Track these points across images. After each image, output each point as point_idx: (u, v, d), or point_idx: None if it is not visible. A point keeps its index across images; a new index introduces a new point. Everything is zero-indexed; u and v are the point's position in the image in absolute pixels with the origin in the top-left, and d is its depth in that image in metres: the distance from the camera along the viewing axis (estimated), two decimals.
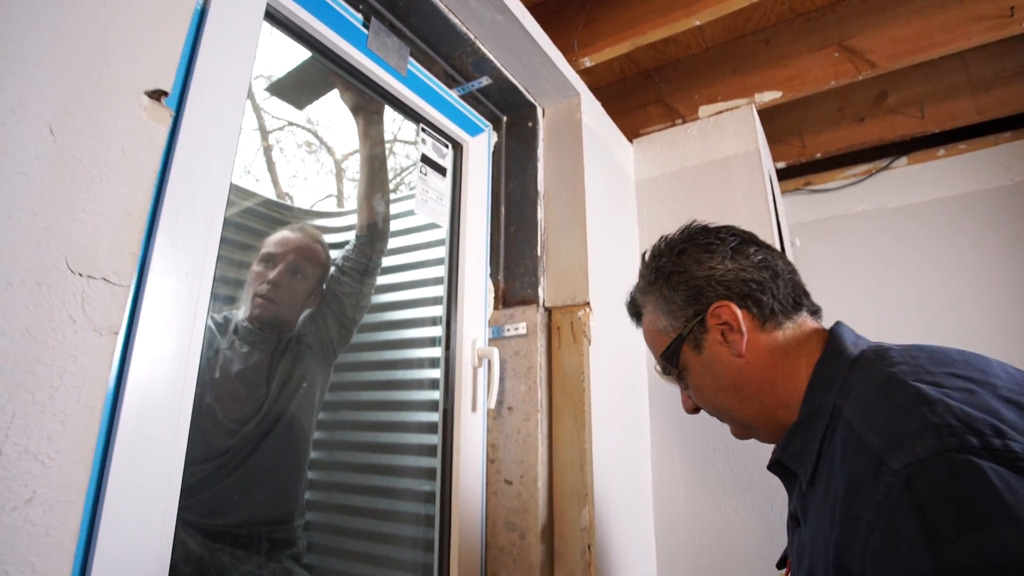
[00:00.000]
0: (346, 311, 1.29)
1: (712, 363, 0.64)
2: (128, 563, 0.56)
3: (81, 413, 0.38)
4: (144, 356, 0.60)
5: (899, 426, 0.44)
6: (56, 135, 0.40)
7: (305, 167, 3.29)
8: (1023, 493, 0.36)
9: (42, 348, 0.37)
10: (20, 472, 0.35)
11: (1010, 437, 0.39)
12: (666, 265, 0.68)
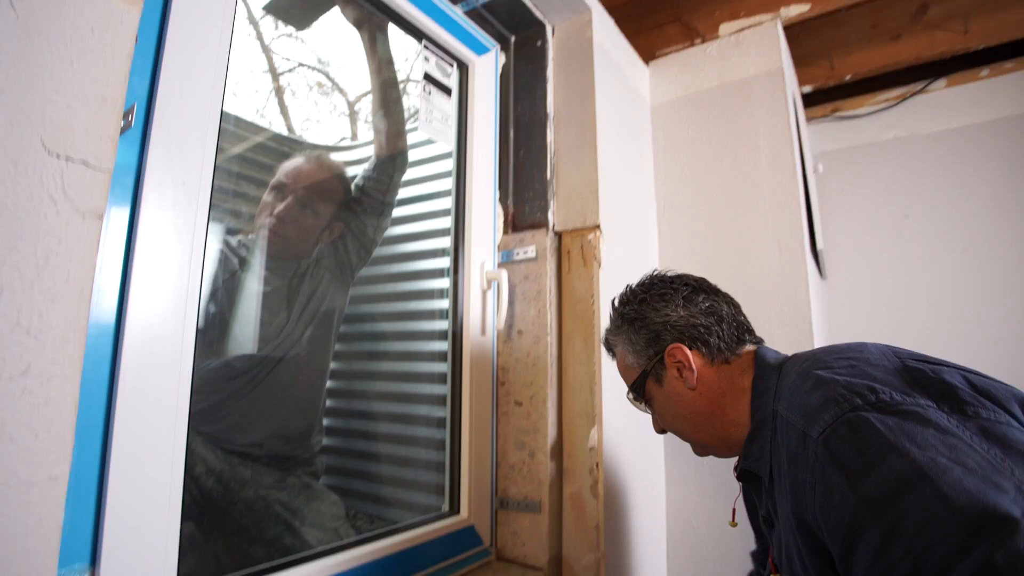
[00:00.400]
0: (366, 232, 1.27)
1: (671, 395, 0.77)
2: (143, 459, 0.59)
3: (71, 293, 0.39)
4: (146, 263, 0.61)
5: (810, 405, 0.58)
6: (17, 9, 0.38)
7: (318, 109, 3.23)
8: (896, 427, 0.49)
9: (25, 226, 0.37)
10: (14, 344, 0.36)
11: (881, 391, 0.54)
12: (629, 312, 0.81)
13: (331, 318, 1.28)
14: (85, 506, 0.55)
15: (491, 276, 1.16)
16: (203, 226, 0.68)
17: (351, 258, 1.27)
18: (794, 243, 1.31)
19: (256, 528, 1.09)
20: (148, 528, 0.60)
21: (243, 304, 1.17)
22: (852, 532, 0.50)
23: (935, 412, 0.51)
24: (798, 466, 0.57)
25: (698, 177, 1.49)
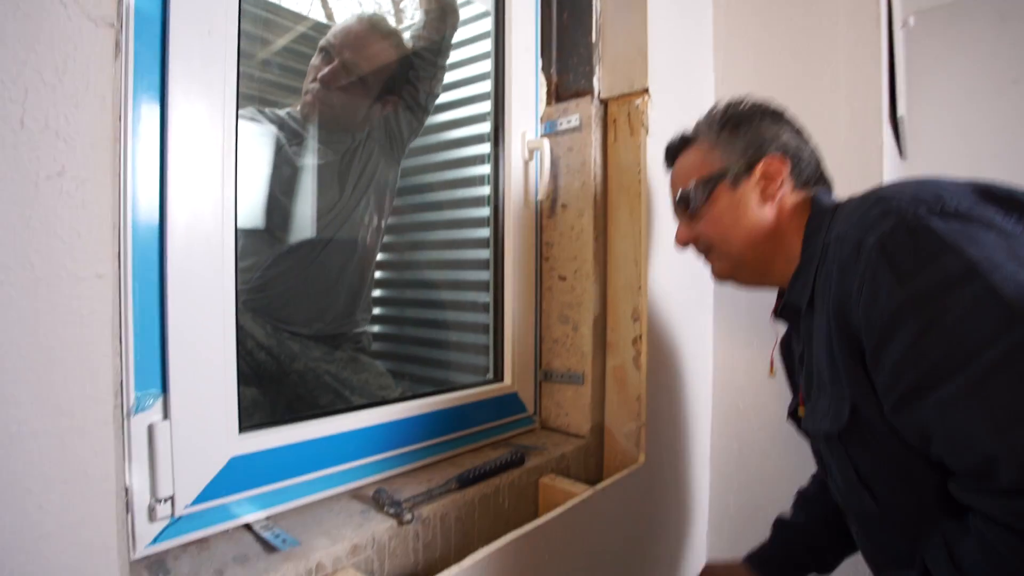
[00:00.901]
0: (418, 98, 1.23)
1: (740, 201, 0.75)
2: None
3: (93, 100, 0.40)
4: (180, 121, 0.61)
5: (869, 217, 0.56)
6: None
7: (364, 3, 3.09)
8: (958, 231, 0.49)
9: (38, 28, 0.37)
10: (46, 146, 0.38)
11: (948, 200, 0.52)
12: (737, 116, 0.79)
13: (382, 194, 1.29)
14: (152, 345, 0.60)
15: (532, 145, 1.12)
16: (233, 74, 0.67)
17: (402, 129, 1.25)
18: (870, 110, 1.17)
19: (309, 396, 1.19)
20: (207, 366, 0.65)
21: (293, 180, 1.19)
22: (891, 324, 0.50)
23: (1002, 219, 0.50)
24: (848, 275, 0.56)
25: (763, 34, 1.32)
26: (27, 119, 0.37)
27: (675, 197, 0.83)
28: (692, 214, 0.80)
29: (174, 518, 0.63)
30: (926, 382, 0.48)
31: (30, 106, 0.37)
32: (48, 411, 0.38)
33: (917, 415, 0.50)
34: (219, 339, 0.66)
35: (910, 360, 0.49)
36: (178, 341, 0.62)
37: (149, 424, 0.60)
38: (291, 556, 0.63)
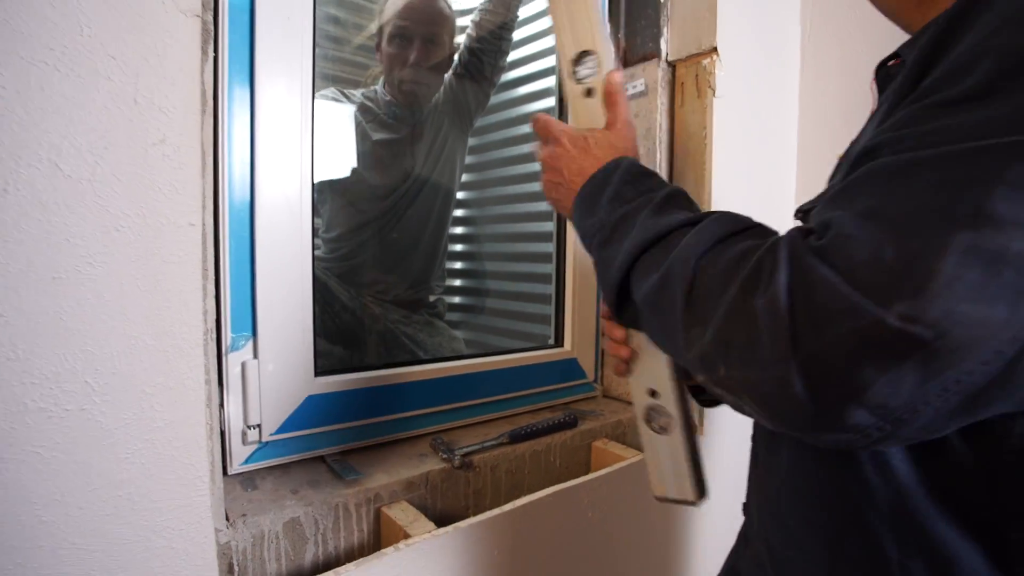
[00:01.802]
0: (484, 71, 1.28)
1: None
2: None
3: (186, 79, 0.48)
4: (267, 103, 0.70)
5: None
6: None
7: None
8: None
9: (147, 21, 0.46)
10: (152, 119, 0.46)
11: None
12: None
13: (453, 166, 1.35)
14: (245, 294, 0.71)
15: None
16: (309, 57, 0.75)
17: (470, 102, 1.30)
18: None
19: (388, 354, 1.29)
20: (288, 315, 0.75)
21: (372, 155, 1.28)
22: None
23: None
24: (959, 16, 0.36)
25: None
26: (138, 97, 0.46)
27: None
28: None
29: (261, 443, 0.74)
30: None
31: (141, 86, 0.46)
32: (154, 330, 0.47)
33: None
34: (298, 292, 0.76)
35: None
36: (265, 292, 0.72)
37: (242, 361, 0.71)
38: (354, 484, 0.72)
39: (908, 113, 0.35)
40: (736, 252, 0.38)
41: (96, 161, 0.44)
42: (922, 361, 0.29)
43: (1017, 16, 0.32)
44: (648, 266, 0.45)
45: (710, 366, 0.37)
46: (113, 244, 0.45)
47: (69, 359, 0.44)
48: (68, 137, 0.43)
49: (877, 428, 0.32)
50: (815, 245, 0.33)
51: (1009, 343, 0.29)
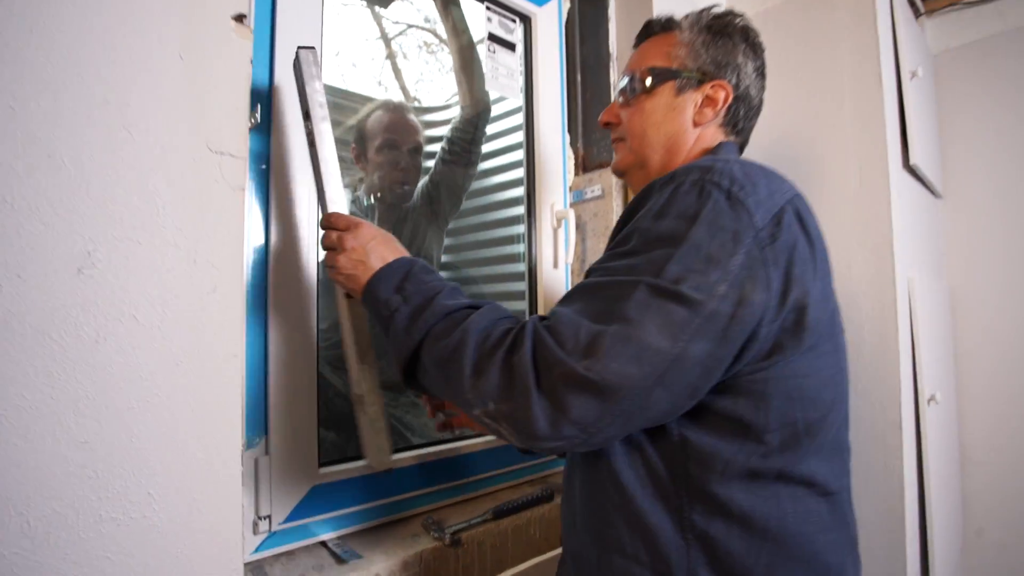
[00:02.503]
0: (457, 180, 1.45)
1: (675, 106, 0.78)
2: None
3: (232, 241, 0.60)
4: (280, 219, 0.83)
5: (686, 172, 0.61)
6: (184, 59, 0.58)
7: (428, 68, 3.42)
8: (711, 204, 0.57)
9: (206, 198, 0.59)
10: (205, 274, 0.59)
11: (717, 180, 0.59)
12: (727, 28, 0.79)
13: (431, 259, 1.49)
14: (259, 400, 0.81)
15: (560, 215, 1.29)
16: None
17: (444, 207, 1.46)
18: (877, 162, 1.25)
19: None
20: (297, 415, 0.85)
21: None
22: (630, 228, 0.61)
23: (766, 235, 0.57)
24: (645, 196, 0.64)
25: (776, 93, 1.44)
26: (198, 258, 0.58)
27: (624, 77, 0.83)
28: (629, 99, 0.81)
29: (271, 532, 0.82)
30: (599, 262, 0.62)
31: (200, 249, 0.58)
32: (202, 445, 0.57)
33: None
34: (305, 396, 0.86)
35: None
36: (277, 398, 0.82)
37: (255, 458, 0.80)
38: (356, 567, 0.80)
39: (604, 256, 0.62)
40: (502, 330, 0.59)
41: (164, 310, 0.56)
42: (597, 395, 0.51)
43: (652, 209, 0.60)
44: (440, 334, 0.61)
45: (484, 403, 0.55)
46: (173, 377, 0.56)
47: (135, 475, 0.54)
48: (145, 294, 0.55)
49: (578, 437, 0.53)
50: (545, 325, 0.56)
51: (640, 387, 0.52)
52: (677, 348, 0.52)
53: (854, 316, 1.32)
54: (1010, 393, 1.66)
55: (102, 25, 0.55)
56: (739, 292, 0.54)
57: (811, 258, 0.60)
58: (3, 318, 0.49)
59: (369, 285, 0.68)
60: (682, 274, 0.54)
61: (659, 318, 0.52)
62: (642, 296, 0.53)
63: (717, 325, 0.53)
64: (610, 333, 0.52)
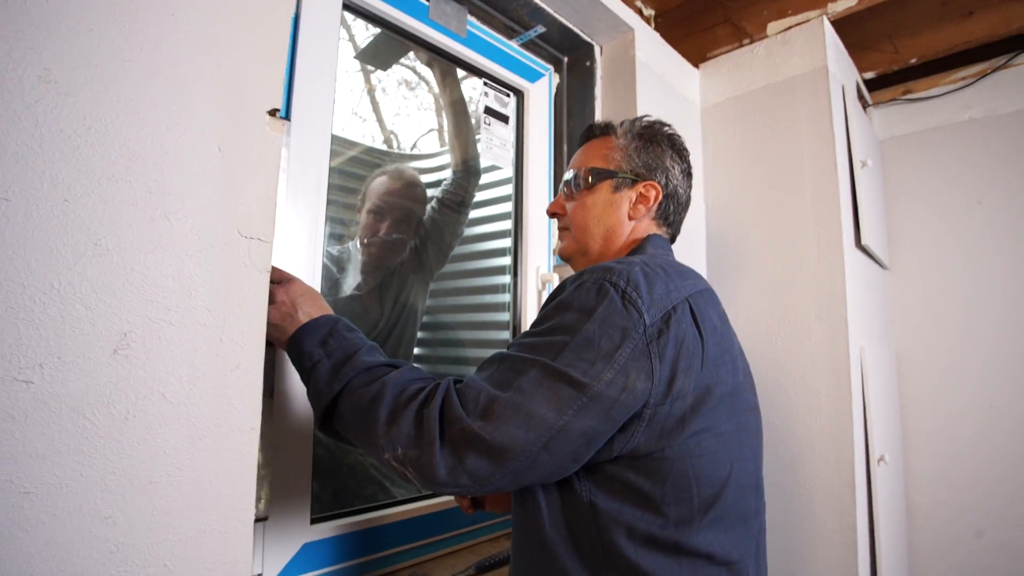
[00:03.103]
0: (444, 239, 1.51)
1: (612, 202, 0.89)
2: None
3: (256, 320, 0.65)
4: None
5: (592, 272, 0.71)
6: (223, 151, 0.64)
7: (407, 104, 3.52)
8: (611, 309, 0.66)
9: (234, 280, 0.63)
10: (228, 351, 0.62)
11: (615, 281, 0.68)
12: (656, 136, 0.92)
13: (415, 313, 1.54)
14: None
15: (545, 278, 1.36)
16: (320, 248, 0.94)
17: (431, 261, 1.52)
18: (833, 242, 1.38)
19: (357, 486, 1.39)
20: (293, 478, 0.87)
21: (343, 307, 1.45)
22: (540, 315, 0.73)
23: (657, 326, 0.67)
24: (558, 290, 0.74)
25: (744, 177, 1.58)
26: (223, 336, 0.62)
27: (569, 172, 0.94)
28: (573, 193, 0.92)
29: None
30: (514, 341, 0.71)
31: (226, 328, 0.62)
32: (220, 516, 0.60)
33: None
34: (302, 459, 0.89)
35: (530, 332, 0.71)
36: (273, 458, 0.85)
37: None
38: None
39: (525, 332, 0.72)
40: (417, 387, 0.67)
41: (191, 387, 0.60)
42: (489, 453, 0.60)
43: (560, 302, 0.70)
44: (359, 386, 0.69)
45: (394, 448, 0.63)
46: (195, 451, 0.59)
47: (154, 547, 0.56)
48: (173, 372, 0.59)
49: (472, 486, 0.62)
50: (456, 388, 0.66)
51: (528, 448, 0.61)
52: (562, 421, 0.61)
53: (812, 382, 1.42)
54: (952, 449, 1.79)
55: (153, 122, 0.60)
56: (624, 379, 0.63)
57: (700, 350, 0.69)
58: (42, 398, 0.51)
59: (295, 337, 0.74)
60: (573, 361, 0.63)
61: (548, 393, 0.62)
62: (536, 373, 0.63)
63: (602, 405, 0.62)
64: (503, 400, 0.62)
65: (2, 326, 0.50)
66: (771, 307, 1.50)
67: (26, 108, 0.52)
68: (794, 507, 1.43)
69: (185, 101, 0.62)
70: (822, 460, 1.40)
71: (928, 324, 1.86)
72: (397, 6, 1.14)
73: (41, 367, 0.51)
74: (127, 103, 0.58)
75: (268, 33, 0.70)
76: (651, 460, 0.67)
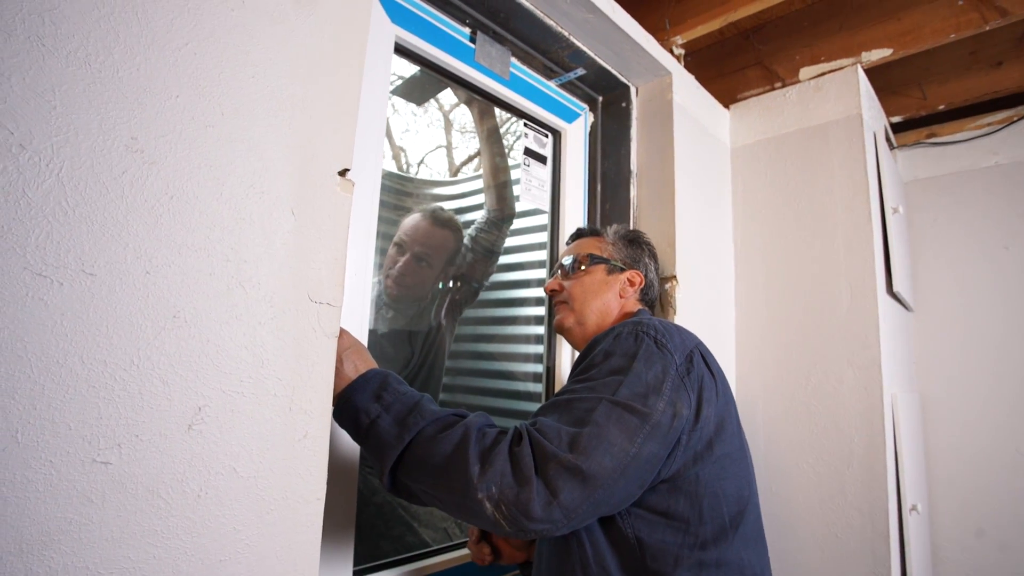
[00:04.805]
0: (476, 277, 1.51)
1: (607, 282, 1.06)
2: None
3: (324, 388, 0.63)
4: None
5: (623, 325, 0.85)
6: (296, 215, 0.63)
7: (416, 120, 3.54)
8: (645, 346, 0.79)
9: (303, 347, 0.62)
10: (297, 420, 0.61)
11: (646, 330, 0.82)
12: (637, 240, 1.13)
13: (444, 347, 1.53)
14: None
15: None
16: (368, 307, 0.93)
17: (462, 299, 1.51)
18: (866, 289, 1.38)
19: (385, 527, 1.36)
20: (335, 524, 0.85)
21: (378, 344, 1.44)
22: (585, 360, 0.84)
23: (680, 368, 0.79)
24: (596, 346, 0.84)
25: (774, 220, 1.57)
26: (292, 405, 0.61)
27: (566, 257, 1.10)
28: (570, 273, 1.07)
29: None
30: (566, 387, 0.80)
31: (295, 397, 0.61)
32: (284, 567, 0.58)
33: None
34: (344, 505, 0.87)
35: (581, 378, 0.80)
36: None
37: None
38: None
39: (566, 385, 0.81)
40: (496, 430, 0.72)
41: (260, 460, 0.58)
42: (583, 481, 0.65)
43: (603, 350, 0.81)
44: (434, 434, 0.69)
45: (490, 487, 0.64)
46: (263, 526, 0.58)
47: None
48: (244, 445, 0.57)
49: (560, 520, 0.65)
50: (533, 429, 0.70)
51: (613, 475, 0.67)
52: (634, 448, 0.69)
53: (844, 428, 1.41)
54: (978, 496, 1.77)
55: (231, 187, 0.59)
56: (673, 408, 0.74)
57: (715, 386, 0.82)
58: (119, 479, 0.50)
59: (344, 394, 0.72)
60: (631, 395, 0.72)
61: (619, 423, 0.70)
62: (605, 407, 0.71)
63: (661, 431, 0.72)
64: (586, 432, 0.68)
65: (83, 406, 0.48)
66: (801, 352, 1.49)
67: (114, 179, 0.51)
68: (825, 554, 1.41)
69: (262, 164, 0.61)
70: (855, 508, 1.38)
71: (953, 367, 1.86)
72: (444, 48, 1.14)
73: (119, 447, 0.50)
74: (208, 169, 0.57)
75: (340, 88, 0.70)
76: (687, 482, 0.77)
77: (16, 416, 0.45)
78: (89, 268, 0.49)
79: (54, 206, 0.48)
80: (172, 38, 0.56)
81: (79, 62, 0.50)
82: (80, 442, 0.48)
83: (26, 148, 0.47)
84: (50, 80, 0.48)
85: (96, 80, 0.51)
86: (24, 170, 0.46)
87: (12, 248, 0.46)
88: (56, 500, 0.47)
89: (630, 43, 1.33)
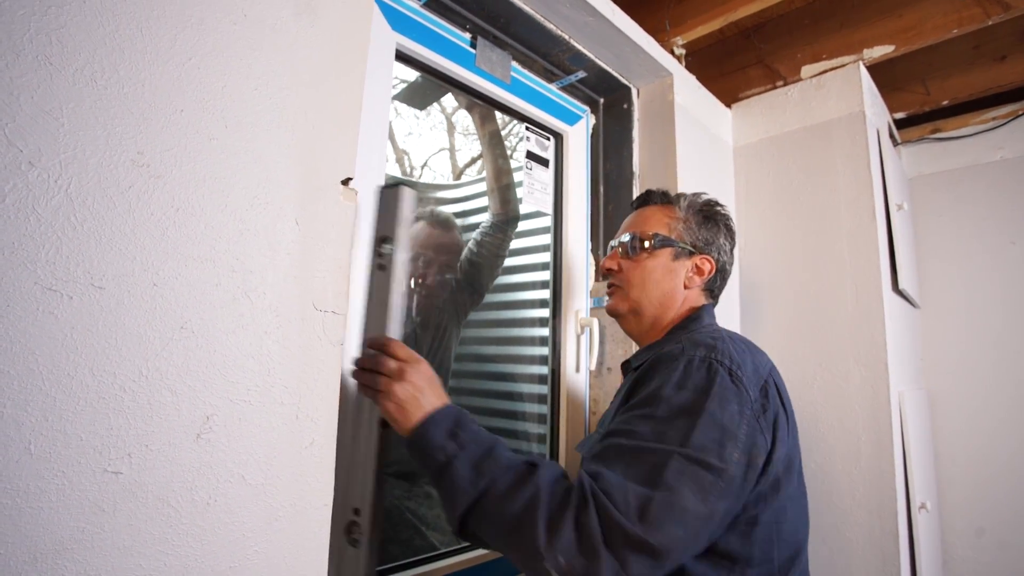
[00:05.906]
0: (482, 281, 1.52)
1: (672, 269, 0.95)
2: None
3: (332, 397, 0.64)
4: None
5: (694, 347, 0.76)
6: (299, 224, 0.64)
7: (419, 123, 3.56)
8: (722, 386, 0.71)
9: (309, 355, 0.63)
10: (304, 428, 0.62)
11: (721, 360, 0.73)
12: (714, 216, 1.00)
13: (450, 347, 1.53)
14: None
15: (584, 323, 1.35)
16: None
17: (467, 302, 1.52)
18: (872, 286, 1.37)
19: (393, 531, 1.37)
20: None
21: None
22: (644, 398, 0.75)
23: (753, 399, 0.73)
24: (660, 368, 0.77)
25: (777, 218, 1.57)
26: (299, 414, 0.61)
27: (626, 233, 0.98)
28: (630, 253, 0.96)
29: None
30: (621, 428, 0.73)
31: (302, 405, 0.62)
32: None
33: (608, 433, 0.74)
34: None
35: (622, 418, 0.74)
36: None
37: None
38: None
39: (626, 416, 0.74)
40: (564, 488, 0.67)
41: (268, 468, 0.59)
42: (653, 555, 0.61)
43: (671, 380, 0.73)
44: (507, 488, 0.66)
45: (556, 558, 0.61)
46: (271, 533, 0.59)
47: None
48: (252, 453, 0.58)
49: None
50: (599, 488, 0.64)
51: (683, 547, 0.63)
52: (707, 509, 0.65)
53: (851, 426, 1.40)
54: (988, 493, 1.76)
55: (236, 198, 0.60)
56: (747, 457, 0.68)
57: (787, 423, 0.76)
58: (130, 489, 0.51)
59: (422, 426, 0.71)
60: (705, 444, 0.66)
61: (693, 484, 0.64)
62: (677, 464, 0.65)
63: (734, 485, 0.67)
64: (657, 500, 0.63)
65: (94, 417, 0.49)
66: (807, 350, 1.49)
67: (121, 194, 0.52)
68: (834, 556, 1.40)
69: (265, 175, 0.62)
70: (863, 507, 1.37)
71: (960, 364, 1.84)
72: (445, 54, 1.15)
73: (130, 456, 0.51)
74: (213, 182, 0.58)
75: (342, 98, 0.71)
76: (746, 524, 0.72)
77: (29, 428, 0.46)
78: (98, 281, 0.50)
79: (63, 221, 0.49)
80: (176, 53, 0.57)
81: (86, 80, 0.51)
82: (91, 452, 0.49)
83: (35, 165, 0.48)
84: (58, 98, 0.49)
85: (102, 97, 0.52)
86: (33, 187, 0.47)
87: (23, 263, 0.46)
88: (68, 510, 0.47)
89: (630, 45, 1.33)
